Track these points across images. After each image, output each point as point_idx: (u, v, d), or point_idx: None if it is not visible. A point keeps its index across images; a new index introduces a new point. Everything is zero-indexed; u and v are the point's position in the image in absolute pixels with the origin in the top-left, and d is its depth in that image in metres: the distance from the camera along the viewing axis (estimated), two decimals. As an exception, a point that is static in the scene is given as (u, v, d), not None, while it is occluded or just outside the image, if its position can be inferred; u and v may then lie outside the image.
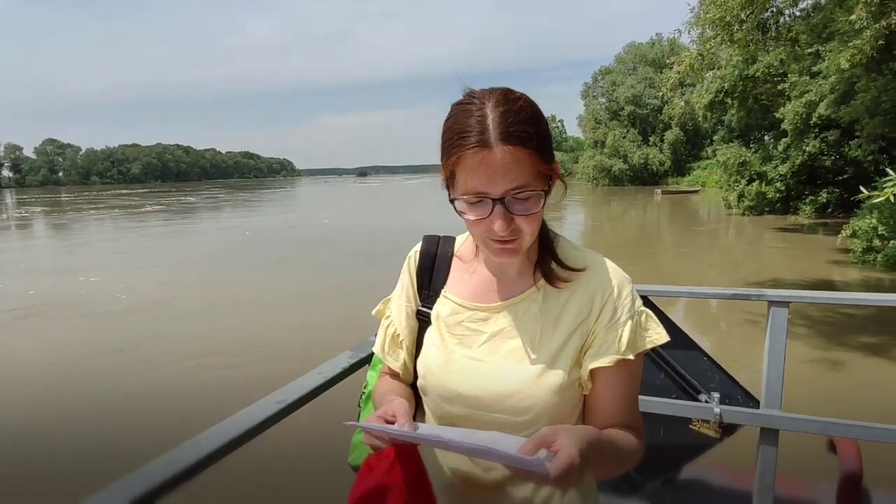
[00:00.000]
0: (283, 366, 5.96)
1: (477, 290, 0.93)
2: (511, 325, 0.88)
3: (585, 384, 0.86)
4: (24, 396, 5.52)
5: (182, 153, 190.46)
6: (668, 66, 12.16)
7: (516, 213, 0.78)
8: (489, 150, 0.74)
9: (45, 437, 4.59)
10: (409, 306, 0.99)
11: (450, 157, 0.78)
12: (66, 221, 29.87)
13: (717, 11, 6.36)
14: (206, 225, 26.12)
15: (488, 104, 0.77)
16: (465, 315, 0.91)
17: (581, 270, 0.87)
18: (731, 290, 1.86)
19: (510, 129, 0.75)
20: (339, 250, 15.54)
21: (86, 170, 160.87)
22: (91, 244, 19.57)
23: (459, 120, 0.78)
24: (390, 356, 1.01)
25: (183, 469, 0.81)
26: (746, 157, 20.53)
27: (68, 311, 9.04)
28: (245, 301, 9.44)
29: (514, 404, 0.84)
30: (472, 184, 0.77)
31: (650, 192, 38.89)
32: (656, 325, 0.88)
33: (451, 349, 0.90)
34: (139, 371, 6.14)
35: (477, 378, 0.87)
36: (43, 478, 3.99)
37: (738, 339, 6.57)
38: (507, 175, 0.75)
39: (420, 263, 1.00)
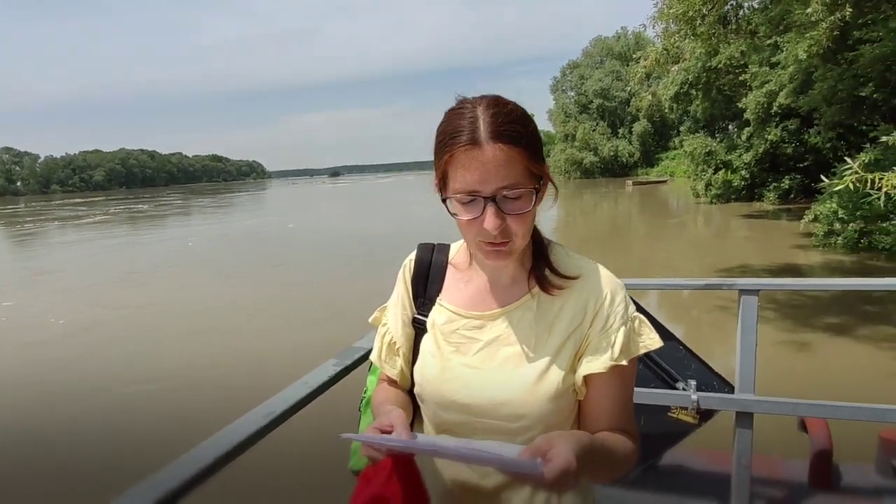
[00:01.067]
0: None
1: (472, 297, 0.94)
2: (506, 332, 0.89)
3: (580, 390, 0.88)
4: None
5: (147, 158, 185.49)
6: (634, 59, 12.37)
7: (508, 212, 0.79)
8: (480, 148, 0.76)
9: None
10: (404, 314, 1.00)
11: (442, 156, 0.80)
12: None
13: (680, 6, 6.51)
14: (149, 236, 23.71)
15: (479, 107, 0.79)
16: (460, 323, 0.93)
17: (574, 278, 0.89)
18: (702, 281, 1.91)
19: (501, 127, 0.77)
20: (299, 259, 14.36)
21: (45, 178, 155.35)
22: (7, 263, 17.19)
23: (451, 122, 0.80)
24: (387, 364, 1.02)
25: (168, 492, 0.79)
26: (712, 146, 21.06)
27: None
28: (172, 329, 8.24)
29: (509, 411, 0.85)
30: (463, 182, 0.78)
31: (621, 184, 39.53)
32: (650, 331, 0.90)
33: (447, 357, 0.92)
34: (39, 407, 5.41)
35: (473, 386, 0.88)
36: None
37: (709, 327, 6.75)
38: (499, 172, 0.76)
39: (415, 272, 1.01)
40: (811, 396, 1.88)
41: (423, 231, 19.24)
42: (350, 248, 15.53)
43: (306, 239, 19.47)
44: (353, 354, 1.31)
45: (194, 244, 19.18)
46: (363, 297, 7.67)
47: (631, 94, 49.84)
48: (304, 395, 1.11)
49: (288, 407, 1.05)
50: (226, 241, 20.11)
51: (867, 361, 5.33)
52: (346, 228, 21.79)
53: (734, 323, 1.89)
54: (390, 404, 0.94)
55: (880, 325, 6.26)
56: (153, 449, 4.03)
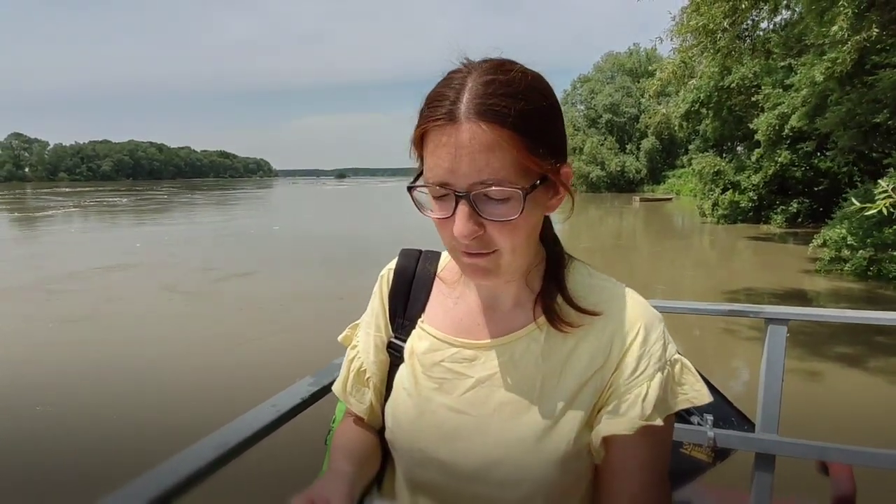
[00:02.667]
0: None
1: (462, 321, 0.73)
2: (504, 369, 0.68)
3: (597, 452, 0.66)
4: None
5: (155, 151, 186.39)
6: (646, 75, 12.29)
7: (487, 216, 0.59)
8: (456, 127, 0.56)
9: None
10: (378, 336, 0.81)
11: (416, 130, 0.61)
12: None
13: (701, 20, 6.39)
14: (100, 234, 21.09)
15: (474, 73, 0.59)
16: (446, 353, 0.72)
17: (594, 314, 0.67)
18: (725, 307, 1.75)
19: (488, 101, 0.56)
20: (269, 267, 12.38)
21: (53, 166, 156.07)
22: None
23: (438, 88, 0.61)
24: (353, 397, 0.82)
25: (202, 466, 0.74)
26: (721, 166, 20.92)
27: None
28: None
29: (503, 476, 0.65)
30: (433, 170, 0.59)
31: (627, 200, 39.42)
32: (695, 380, 0.68)
33: (426, 396, 0.71)
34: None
35: (457, 438, 0.68)
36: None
37: (720, 353, 6.56)
38: (475, 161, 0.56)
39: (394, 284, 0.81)
40: (823, 430, 1.71)
41: (411, 238, 19.65)
42: (330, 252, 14.65)
43: (286, 243, 17.71)
44: (331, 373, 1.13)
45: (144, 246, 16.37)
46: (330, 316, 7.23)
47: (641, 111, 50.02)
48: (269, 420, 0.93)
49: (245, 437, 0.86)
50: (189, 243, 17.29)
51: (883, 395, 5.14)
52: (333, 231, 20.94)
53: (736, 348, 1.71)
54: (343, 456, 0.74)
55: (893, 358, 6.07)
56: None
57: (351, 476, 0.67)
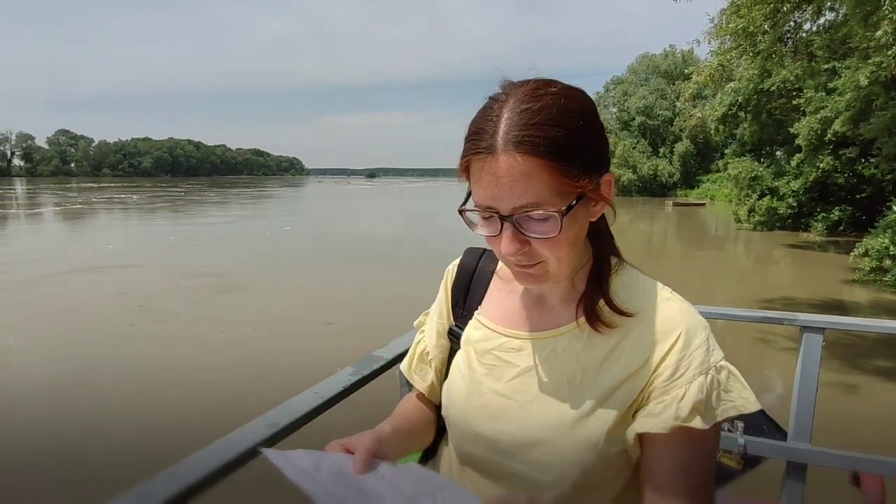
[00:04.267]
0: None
1: (513, 314, 0.81)
2: (547, 361, 0.75)
3: (632, 450, 0.70)
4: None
5: (193, 148, 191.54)
6: (682, 77, 12.09)
7: (530, 234, 0.65)
8: (494, 158, 0.63)
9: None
10: (440, 323, 0.91)
11: (461, 160, 0.68)
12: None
13: (740, 22, 6.25)
14: (87, 233, 20.00)
15: (511, 101, 0.65)
16: (496, 342, 0.80)
17: (629, 315, 0.71)
18: (759, 313, 1.74)
19: (521, 133, 0.62)
20: (256, 275, 10.97)
21: (97, 161, 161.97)
22: None
23: (478, 118, 0.67)
24: (417, 375, 0.93)
25: (185, 487, 0.72)
26: (758, 171, 20.35)
27: None
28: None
29: (538, 457, 0.71)
30: (479, 196, 0.66)
31: (659, 204, 38.66)
32: (742, 387, 0.70)
33: (478, 380, 0.79)
34: None
35: (501, 419, 0.75)
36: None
37: (752, 360, 6.42)
38: (514, 189, 0.62)
39: (457, 278, 0.91)
40: (855, 442, 1.69)
41: (428, 241, 16.65)
42: (335, 258, 13.80)
43: (292, 244, 16.63)
44: (371, 364, 1.20)
45: (117, 247, 15.33)
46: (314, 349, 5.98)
47: (675, 114, 48.98)
48: (313, 405, 1.00)
49: (294, 419, 0.94)
50: (176, 246, 15.65)
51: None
52: (348, 233, 20.27)
53: (768, 356, 1.70)
54: (389, 420, 0.83)
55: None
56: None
57: (385, 433, 0.73)
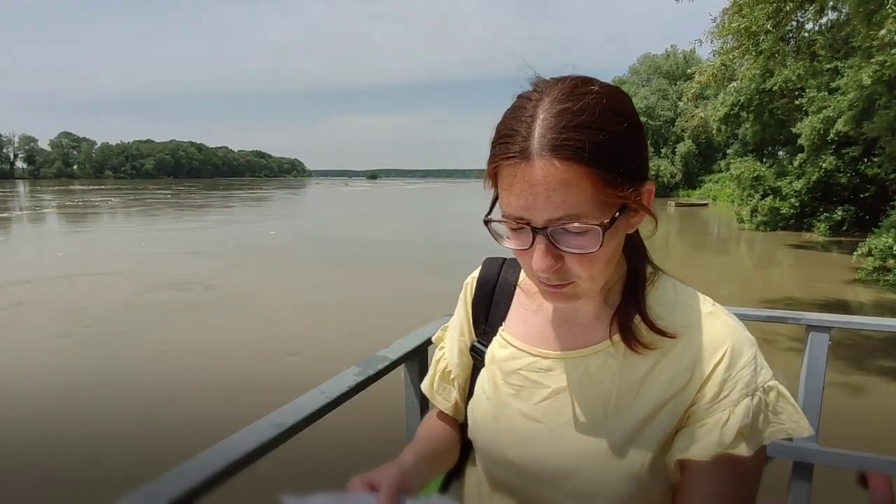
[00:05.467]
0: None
1: (541, 331, 0.74)
2: (580, 382, 0.68)
3: (673, 475, 0.65)
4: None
5: (195, 150, 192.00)
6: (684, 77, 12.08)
7: (565, 248, 0.58)
8: (529, 164, 0.56)
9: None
10: (462, 340, 0.85)
11: (489, 165, 0.61)
12: None
13: (743, 21, 6.24)
14: (33, 243, 17.95)
15: (546, 100, 0.57)
16: (524, 361, 0.73)
17: (670, 336, 0.65)
18: (765, 312, 1.73)
19: (560, 136, 0.55)
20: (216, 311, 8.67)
21: (100, 164, 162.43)
22: None
23: (508, 118, 0.60)
24: (440, 395, 0.87)
25: (192, 487, 0.72)
26: (761, 171, 20.33)
27: None
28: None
29: (576, 486, 0.65)
30: (508, 206, 0.59)
31: (661, 204, 38.65)
32: (794, 410, 0.64)
33: (504, 401, 0.73)
34: None
35: (532, 444, 0.69)
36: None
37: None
38: (550, 199, 0.55)
39: (476, 292, 0.83)
40: (861, 443, 1.68)
41: (417, 246, 16.12)
42: (309, 265, 13.13)
43: (269, 250, 15.55)
44: (375, 364, 1.20)
45: (67, 256, 14.24)
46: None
47: (677, 114, 48.97)
48: (320, 405, 1.00)
49: (300, 418, 0.94)
50: (160, 253, 14.42)
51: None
52: (333, 238, 19.50)
53: (772, 356, 1.69)
54: (412, 447, 0.77)
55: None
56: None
57: (408, 463, 0.71)
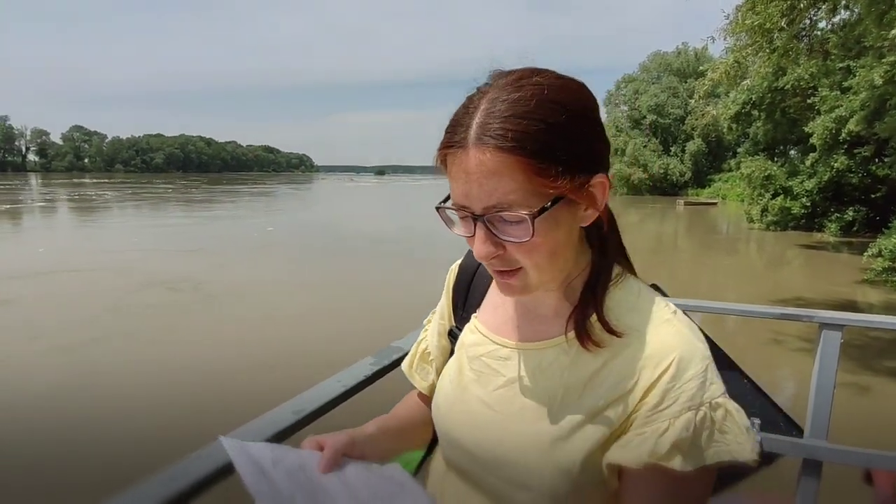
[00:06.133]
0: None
1: (506, 321, 0.76)
2: (532, 374, 0.70)
3: (609, 481, 0.64)
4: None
5: (204, 145, 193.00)
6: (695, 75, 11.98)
7: (503, 237, 0.60)
8: (465, 153, 0.58)
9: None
10: (441, 324, 0.89)
11: (437, 153, 0.63)
12: None
13: (757, 18, 6.19)
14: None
15: (491, 92, 0.60)
16: (486, 348, 0.76)
17: (617, 335, 0.65)
18: (777, 310, 1.73)
19: (492, 125, 0.56)
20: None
21: (110, 157, 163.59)
22: None
23: (458, 110, 0.62)
24: (418, 374, 0.90)
25: (178, 491, 0.71)
26: (772, 170, 20.17)
27: None
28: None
29: (511, 475, 0.67)
30: (454, 192, 0.61)
31: (670, 203, 38.45)
32: (740, 431, 0.60)
33: (465, 385, 0.76)
34: None
35: (482, 429, 0.71)
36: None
37: (766, 357, 6.37)
38: (483, 187, 0.57)
39: (458, 280, 0.88)
40: (868, 442, 1.69)
41: (410, 243, 15.38)
42: (303, 262, 12.88)
43: (264, 247, 15.14)
44: (390, 354, 1.22)
45: (48, 251, 13.70)
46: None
47: (687, 112, 48.61)
48: (337, 393, 1.02)
49: (318, 406, 0.97)
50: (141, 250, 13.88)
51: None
52: (330, 234, 19.30)
53: (782, 354, 1.70)
54: (375, 420, 0.81)
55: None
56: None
57: (363, 434, 0.74)
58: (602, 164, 0.63)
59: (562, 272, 0.68)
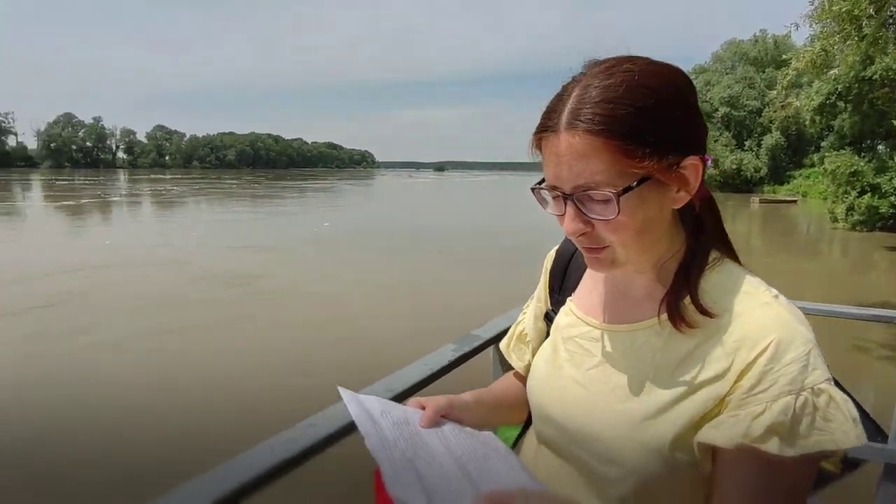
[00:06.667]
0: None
1: (599, 303, 0.79)
2: (624, 355, 0.72)
3: (700, 462, 0.64)
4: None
5: (272, 142, 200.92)
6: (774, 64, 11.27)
7: (591, 215, 0.64)
8: (556, 137, 0.63)
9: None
10: (538, 307, 0.93)
11: (532, 137, 0.68)
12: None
13: (844, 4, 5.76)
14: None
15: (584, 79, 0.64)
16: (580, 330, 0.79)
17: (711, 316, 0.66)
18: (870, 311, 1.66)
19: (581, 110, 0.61)
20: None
21: (188, 154, 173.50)
22: None
23: (554, 97, 0.66)
24: (514, 354, 0.96)
25: (274, 465, 0.78)
26: (858, 166, 18.71)
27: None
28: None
29: (601, 450, 0.69)
30: (546, 174, 0.66)
31: (744, 200, 36.38)
32: (846, 419, 0.58)
33: (559, 364, 0.80)
34: None
35: (573, 406, 0.74)
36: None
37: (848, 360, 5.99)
38: (572, 168, 0.62)
39: (555, 264, 0.92)
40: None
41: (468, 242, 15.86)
42: (358, 258, 13.12)
43: (321, 242, 15.75)
44: (471, 342, 1.29)
45: (113, 244, 14.30)
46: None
47: (764, 104, 45.76)
48: (424, 376, 1.10)
49: (407, 387, 1.05)
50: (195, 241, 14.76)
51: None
52: (388, 228, 19.66)
53: (860, 359, 1.62)
54: (474, 391, 0.88)
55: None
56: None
57: (461, 401, 0.81)
58: (695, 147, 0.65)
59: (651, 252, 0.70)
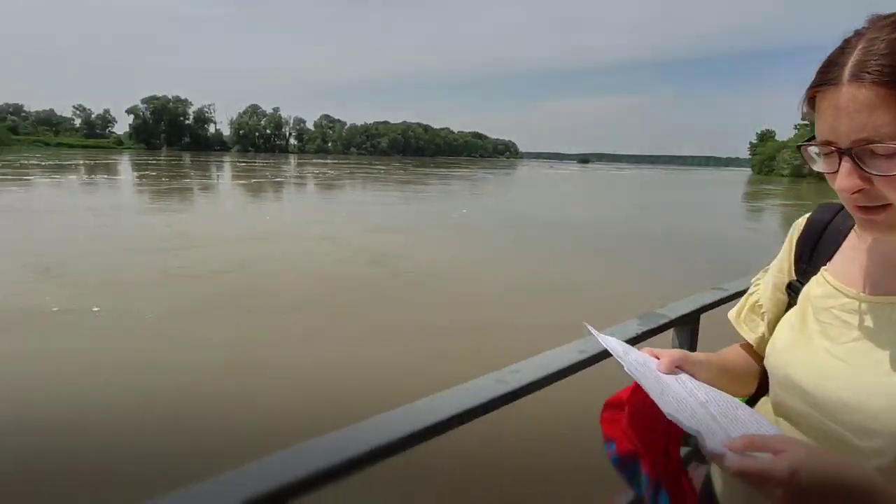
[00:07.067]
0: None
1: (862, 275, 0.75)
2: (889, 328, 0.69)
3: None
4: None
5: (421, 131, 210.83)
6: None
7: (872, 171, 0.60)
8: (837, 89, 0.60)
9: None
10: (779, 277, 0.90)
11: (806, 92, 0.66)
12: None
13: None
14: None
15: (869, 33, 0.61)
16: (837, 301, 0.75)
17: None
18: None
19: (868, 62, 0.58)
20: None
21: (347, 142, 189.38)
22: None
23: (833, 51, 0.64)
24: (746, 325, 0.94)
25: (373, 448, 0.70)
26: None
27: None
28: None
29: (860, 421, 0.67)
30: (820, 129, 0.64)
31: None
32: None
33: (808, 335, 0.77)
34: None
35: (829, 378, 0.71)
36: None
37: None
38: (854, 121, 0.59)
39: (804, 233, 0.87)
40: None
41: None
42: (496, 246, 12.81)
43: (455, 228, 15.83)
44: (656, 320, 1.24)
45: (273, 219, 15.29)
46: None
47: None
48: (542, 375, 0.97)
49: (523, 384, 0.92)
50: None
51: None
52: (524, 219, 19.11)
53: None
54: (716, 356, 0.89)
55: None
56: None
57: (695, 357, 0.83)
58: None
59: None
